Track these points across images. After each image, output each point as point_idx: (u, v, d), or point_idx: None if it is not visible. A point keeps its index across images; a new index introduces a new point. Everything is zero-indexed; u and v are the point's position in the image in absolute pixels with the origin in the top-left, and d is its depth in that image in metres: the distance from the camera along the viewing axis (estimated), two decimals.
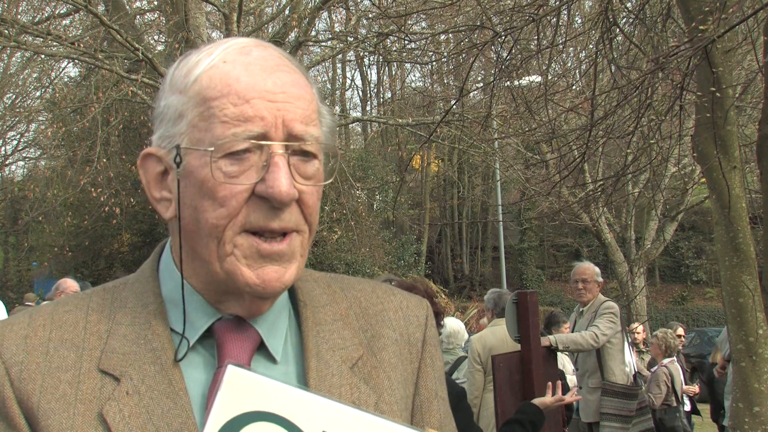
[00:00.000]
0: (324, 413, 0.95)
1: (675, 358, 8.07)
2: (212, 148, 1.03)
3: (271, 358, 1.11)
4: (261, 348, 1.11)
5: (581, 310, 6.68)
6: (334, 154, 1.14)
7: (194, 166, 1.05)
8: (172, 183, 1.09)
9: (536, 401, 4.12)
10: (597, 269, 6.63)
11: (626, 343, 6.66)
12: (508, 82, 7.50)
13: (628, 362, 6.52)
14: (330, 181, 1.13)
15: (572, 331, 6.63)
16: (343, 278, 1.27)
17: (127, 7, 12.78)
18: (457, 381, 6.24)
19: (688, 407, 8.45)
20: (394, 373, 1.17)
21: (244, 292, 1.07)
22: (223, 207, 1.03)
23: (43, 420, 1.03)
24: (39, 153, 25.37)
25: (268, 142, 1.03)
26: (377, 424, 0.96)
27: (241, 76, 1.04)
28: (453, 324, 7.30)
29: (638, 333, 9.46)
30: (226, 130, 1.02)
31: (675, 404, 7.67)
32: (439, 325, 3.71)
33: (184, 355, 1.08)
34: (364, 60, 31.39)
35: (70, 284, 7.13)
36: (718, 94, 4.50)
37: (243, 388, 0.94)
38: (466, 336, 7.42)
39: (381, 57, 17.77)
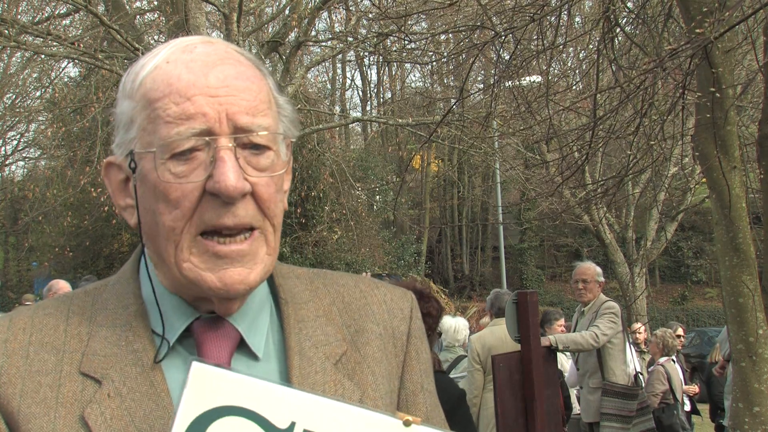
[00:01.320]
0: (292, 404, 0.94)
1: (674, 357, 8.08)
2: (154, 149, 1.02)
3: (253, 356, 1.10)
4: (242, 346, 1.10)
5: (582, 310, 6.68)
6: (288, 145, 1.11)
7: (147, 170, 1.04)
8: (133, 190, 1.09)
9: None
10: (598, 269, 6.63)
11: (628, 344, 6.65)
12: (509, 83, 7.50)
13: (629, 362, 6.51)
14: (283, 171, 1.09)
15: (573, 331, 6.63)
16: (326, 273, 1.26)
17: (127, 7, 12.77)
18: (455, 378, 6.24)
19: (688, 407, 8.45)
20: (379, 368, 1.16)
21: (209, 295, 1.06)
22: (178, 208, 1.02)
23: (24, 424, 1.02)
24: (39, 153, 25.36)
25: (213, 137, 1.02)
26: (346, 411, 0.95)
27: (182, 74, 1.03)
28: (457, 322, 7.33)
29: (640, 333, 9.45)
30: (170, 129, 1.01)
31: (672, 402, 7.68)
32: (436, 325, 3.68)
33: (164, 357, 1.07)
34: (364, 60, 31.40)
35: (62, 285, 7.10)
36: (717, 95, 4.50)
37: (209, 383, 0.93)
38: (467, 334, 7.44)
39: (381, 57, 17.75)
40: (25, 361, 1.05)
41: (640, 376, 6.68)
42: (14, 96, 22.67)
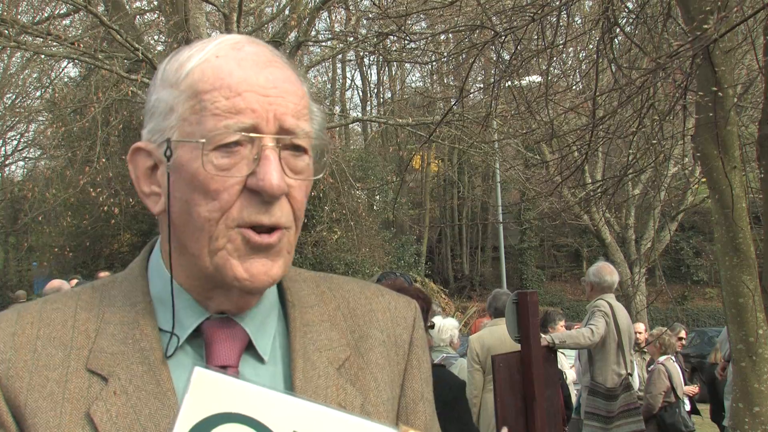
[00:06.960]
0: (294, 413, 0.94)
1: (672, 356, 8.09)
2: (204, 140, 1.02)
3: (260, 359, 1.11)
4: (249, 348, 1.11)
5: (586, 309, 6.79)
6: (325, 150, 1.14)
7: (185, 159, 1.04)
8: (161, 177, 1.09)
9: None
10: (593, 270, 6.66)
11: (624, 343, 6.63)
12: (509, 83, 7.50)
13: (621, 363, 6.49)
14: (320, 176, 1.12)
15: None
16: (332, 278, 1.27)
17: (127, 7, 12.78)
18: None
19: (688, 407, 8.45)
20: (381, 374, 1.16)
21: (233, 286, 1.07)
22: (216, 200, 1.03)
23: (30, 418, 1.02)
24: (39, 153, 25.39)
25: (259, 135, 1.03)
26: (348, 422, 0.94)
27: (233, 70, 1.05)
28: (444, 322, 7.33)
29: (640, 333, 9.44)
30: (217, 122, 1.02)
31: (674, 400, 7.68)
32: (426, 319, 3.65)
33: (173, 353, 1.07)
34: (364, 60, 31.44)
35: (66, 287, 7.10)
36: (720, 94, 4.50)
37: (211, 389, 0.93)
38: (456, 334, 7.40)
39: (381, 57, 17.76)
40: (33, 356, 1.06)
41: (630, 378, 6.65)
42: (14, 96, 22.68)
